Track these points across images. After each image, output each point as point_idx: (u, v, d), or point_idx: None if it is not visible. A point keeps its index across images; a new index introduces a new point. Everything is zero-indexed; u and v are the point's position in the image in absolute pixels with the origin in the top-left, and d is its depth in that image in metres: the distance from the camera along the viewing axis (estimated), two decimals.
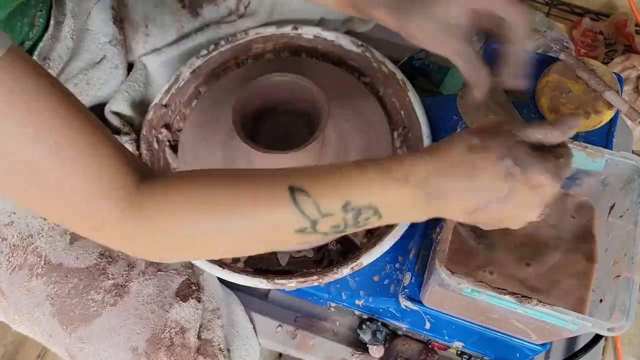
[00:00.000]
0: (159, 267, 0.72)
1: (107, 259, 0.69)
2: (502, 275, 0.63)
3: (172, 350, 0.67)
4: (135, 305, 0.68)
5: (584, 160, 0.61)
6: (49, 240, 0.69)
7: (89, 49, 0.80)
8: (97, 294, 0.67)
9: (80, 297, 0.67)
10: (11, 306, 0.69)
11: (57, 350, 0.71)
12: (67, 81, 0.77)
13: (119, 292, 0.68)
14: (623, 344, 1.31)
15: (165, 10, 0.84)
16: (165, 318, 0.68)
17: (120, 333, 0.67)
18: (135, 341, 0.67)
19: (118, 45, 0.81)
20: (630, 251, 0.56)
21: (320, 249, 0.78)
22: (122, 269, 0.69)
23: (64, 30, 0.74)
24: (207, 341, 0.71)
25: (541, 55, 0.77)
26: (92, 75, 0.78)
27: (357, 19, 1.01)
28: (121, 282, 0.69)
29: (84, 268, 0.68)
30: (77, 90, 0.77)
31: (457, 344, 0.71)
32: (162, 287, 0.70)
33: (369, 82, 0.89)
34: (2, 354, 1.31)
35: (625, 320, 0.51)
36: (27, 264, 0.68)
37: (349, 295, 0.74)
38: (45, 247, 0.68)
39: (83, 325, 0.67)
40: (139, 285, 0.69)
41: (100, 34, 0.80)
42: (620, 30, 1.62)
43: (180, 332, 0.68)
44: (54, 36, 0.73)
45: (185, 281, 0.71)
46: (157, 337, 0.67)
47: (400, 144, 0.85)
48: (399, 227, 0.71)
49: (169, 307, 0.69)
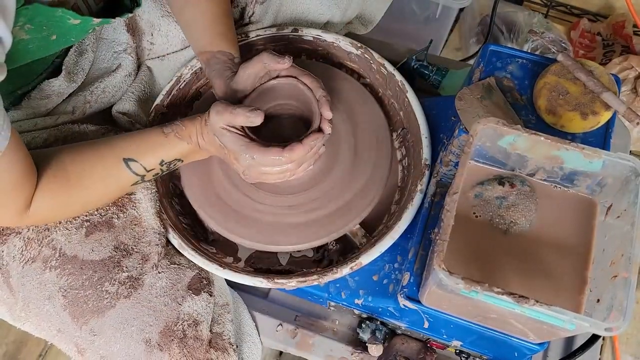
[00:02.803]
0: (172, 261, 0.73)
1: (121, 252, 0.70)
2: (501, 275, 0.64)
3: (185, 342, 0.68)
4: (148, 298, 0.69)
5: (582, 161, 0.62)
6: (65, 232, 0.69)
7: (105, 58, 0.82)
8: (112, 285, 0.68)
9: (94, 289, 0.68)
10: (19, 302, 0.70)
11: (65, 346, 0.71)
12: (84, 90, 0.79)
13: (133, 284, 0.69)
14: (621, 343, 1.32)
15: (171, 19, 0.84)
16: (178, 311, 0.69)
17: (133, 325, 0.67)
18: (149, 333, 0.67)
19: (132, 54, 0.83)
20: (627, 251, 0.56)
21: (320, 249, 0.79)
22: (137, 262, 0.70)
23: (85, 43, 0.78)
24: (218, 335, 0.71)
25: (539, 56, 0.78)
26: (108, 83, 0.80)
27: (358, 22, 1.01)
28: (135, 275, 0.69)
29: (99, 260, 0.69)
30: (92, 98, 0.79)
31: (456, 343, 0.72)
32: (175, 281, 0.71)
33: (368, 84, 0.89)
34: (3, 353, 1.31)
35: (623, 320, 0.51)
36: (40, 257, 0.69)
37: (348, 294, 0.74)
38: (61, 240, 0.69)
39: (95, 317, 0.68)
40: (153, 278, 0.70)
41: (114, 42, 0.82)
42: (618, 31, 1.63)
43: (193, 324, 0.69)
44: (77, 50, 0.77)
45: (196, 275, 0.72)
46: (170, 329, 0.68)
47: (399, 144, 0.86)
48: (398, 227, 0.72)
49: (182, 300, 0.70)
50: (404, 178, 0.83)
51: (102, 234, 0.70)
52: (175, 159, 0.71)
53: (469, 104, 0.73)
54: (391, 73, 0.85)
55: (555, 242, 0.66)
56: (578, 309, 0.61)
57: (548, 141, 0.60)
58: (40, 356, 1.32)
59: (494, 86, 0.75)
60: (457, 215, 0.57)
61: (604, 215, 0.65)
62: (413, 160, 0.81)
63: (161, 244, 0.72)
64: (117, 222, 0.71)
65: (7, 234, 0.70)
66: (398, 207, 0.78)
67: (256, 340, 0.78)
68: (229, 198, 0.77)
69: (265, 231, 0.74)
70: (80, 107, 0.78)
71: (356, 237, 0.77)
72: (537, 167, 0.66)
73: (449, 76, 0.93)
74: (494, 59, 0.78)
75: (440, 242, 0.55)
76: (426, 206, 0.73)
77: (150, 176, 0.72)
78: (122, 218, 0.72)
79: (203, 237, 0.81)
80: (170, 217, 0.77)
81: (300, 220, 0.75)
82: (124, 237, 0.71)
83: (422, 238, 0.71)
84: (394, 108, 0.87)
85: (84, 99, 0.78)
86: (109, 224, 0.71)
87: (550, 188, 0.68)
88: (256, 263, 0.79)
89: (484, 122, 0.60)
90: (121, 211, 0.72)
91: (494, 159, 0.68)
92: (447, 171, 0.74)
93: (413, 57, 0.93)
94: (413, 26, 1.53)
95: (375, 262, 0.71)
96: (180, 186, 0.81)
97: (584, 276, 0.63)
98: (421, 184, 0.75)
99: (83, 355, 0.70)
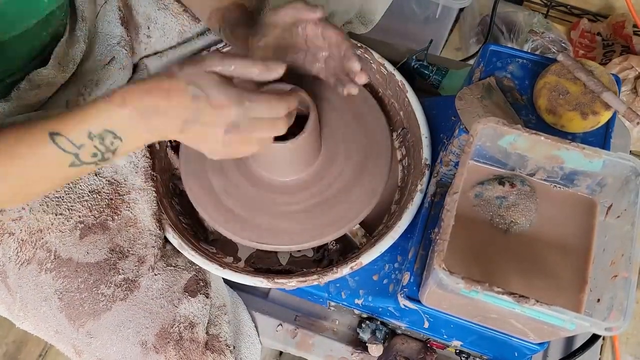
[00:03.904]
0: (168, 263, 0.73)
1: (117, 254, 0.70)
2: (501, 275, 0.64)
3: (181, 344, 0.68)
4: (144, 300, 0.69)
5: (582, 161, 0.62)
6: (59, 235, 0.69)
7: (99, 51, 0.81)
8: (108, 288, 0.68)
9: (90, 292, 0.68)
10: (17, 302, 0.70)
11: (63, 347, 0.72)
12: (77, 82, 0.78)
13: (129, 286, 0.69)
14: (621, 343, 1.32)
15: (168, 13, 0.84)
16: (174, 313, 0.69)
17: (129, 327, 0.67)
18: (145, 335, 0.67)
19: (126, 47, 0.82)
20: (627, 251, 0.56)
21: (320, 248, 0.79)
22: (132, 264, 0.70)
23: (76, 34, 0.77)
24: (215, 336, 0.71)
25: (539, 56, 0.78)
26: (102, 76, 0.79)
27: (357, 22, 1.01)
28: (131, 277, 0.69)
29: (94, 263, 0.68)
30: (86, 91, 0.78)
31: (456, 343, 0.72)
32: (171, 283, 0.71)
33: (368, 84, 0.89)
34: (3, 353, 1.31)
35: (623, 319, 0.51)
36: (35, 259, 0.68)
37: (348, 294, 0.74)
38: (55, 242, 0.69)
39: (92, 319, 0.67)
40: (149, 281, 0.70)
41: (109, 35, 0.81)
42: (618, 31, 1.63)
43: (189, 327, 0.69)
44: (68, 41, 0.75)
45: (193, 277, 0.72)
46: (166, 331, 0.68)
47: (399, 144, 0.86)
48: (398, 227, 0.72)
49: (178, 302, 0.70)
50: (404, 178, 0.83)
51: (97, 236, 0.69)
52: (106, 130, 0.56)
53: (469, 104, 0.73)
54: (391, 73, 0.85)
55: (556, 242, 0.66)
56: (578, 308, 0.61)
57: (548, 141, 0.60)
58: (40, 356, 1.32)
59: (494, 86, 0.75)
60: (457, 215, 0.57)
61: (604, 215, 0.65)
62: (413, 160, 0.81)
63: (157, 246, 0.72)
64: (111, 224, 0.71)
65: (0, 234, 0.69)
66: (398, 207, 0.78)
67: (255, 340, 0.78)
68: (229, 197, 0.77)
69: (265, 230, 0.74)
70: (73, 100, 0.77)
71: (356, 237, 0.77)
72: (537, 167, 0.66)
73: (449, 76, 0.93)
74: (494, 58, 0.78)
75: (441, 241, 0.55)
76: (426, 206, 0.73)
77: (88, 157, 0.57)
78: (117, 220, 0.71)
79: (203, 237, 0.81)
80: (170, 217, 0.76)
81: (300, 219, 0.75)
82: (119, 239, 0.70)
83: (422, 238, 0.71)
84: (394, 108, 0.87)
85: (77, 92, 0.77)
86: (104, 226, 0.70)
87: (550, 188, 0.68)
88: (256, 263, 0.79)
89: (484, 122, 0.60)
90: (115, 213, 0.71)
91: (494, 159, 0.68)
92: (447, 171, 0.74)
93: (413, 57, 0.93)
94: (413, 26, 1.53)
95: (375, 262, 0.71)
96: (180, 186, 0.81)
97: (584, 276, 0.63)
98: (421, 183, 0.75)
99: (80, 356, 0.70)
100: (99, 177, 0.72)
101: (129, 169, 0.74)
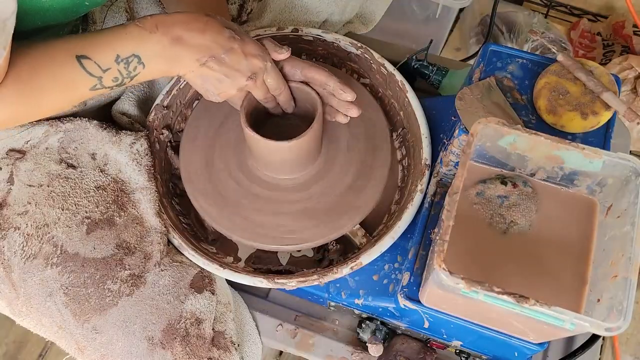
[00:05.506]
0: (174, 259, 0.73)
1: (124, 250, 0.70)
2: (501, 275, 0.64)
3: (188, 340, 0.68)
4: (151, 296, 0.69)
5: (582, 161, 0.62)
6: (65, 230, 0.69)
7: None
8: (114, 283, 0.68)
9: (96, 287, 0.68)
10: (20, 297, 0.70)
11: (65, 343, 0.71)
12: None
13: (136, 282, 0.69)
14: (621, 343, 1.32)
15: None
16: (180, 309, 0.69)
17: (136, 323, 0.67)
18: (151, 331, 0.67)
19: None
20: (627, 251, 0.56)
21: (320, 249, 0.79)
22: (139, 260, 0.70)
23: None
24: (220, 333, 0.71)
25: (539, 56, 0.78)
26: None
27: (358, 22, 1.01)
28: (138, 273, 0.69)
29: (101, 258, 0.69)
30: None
31: (456, 343, 0.72)
32: (178, 279, 0.71)
33: (368, 84, 0.90)
34: (3, 353, 1.31)
35: (623, 320, 0.51)
36: (42, 253, 0.69)
37: (348, 294, 0.74)
38: (62, 237, 0.69)
39: (97, 315, 0.67)
40: (155, 276, 0.70)
41: None
42: (618, 31, 1.63)
43: (196, 323, 0.69)
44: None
45: (199, 273, 0.72)
46: (173, 327, 0.68)
47: (399, 144, 0.86)
48: (398, 227, 0.72)
49: (184, 298, 0.70)
50: (404, 178, 0.83)
51: (103, 231, 0.70)
52: (134, 54, 0.59)
53: (469, 104, 0.73)
54: (391, 73, 0.85)
55: (555, 242, 0.66)
56: (578, 309, 0.61)
57: (548, 141, 0.60)
58: (40, 356, 1.32)
59: (494, 86, 0.75)
60: (458, 214, 0.57)
61: (604, 215, 0.65)
62: (413, 160, 0.81)
63: (163, 243, 0.72)
64: (118, 220, 0.71)
65: (5, 229, 0.69)
66: (398, 207, 0.78)
67: (257, 339, 0.78)
68: (229, 197, 0.77)
69: (266, 230, 0.74)
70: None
71: (356, 237, 0.77)
72: (537, 167, 0.66)
73: (449, 76, 0.93)
74: (494, 58, 0.78)
75: (441, 241, 0.55)
76: (426, 206, 0.73)
77: (109, 81, 0.61)
78: (124, 216, 0.71)
79: (203, 237, 0.81)
80: (171, 217, 0.77)
81: (300, 219, 0.75)
82: (126, 235, 0.71)
83: (422, 238, 0.71)
84: (394, 108, 0.87)
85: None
86: (110, 222, 0.70)
87: (550, 188, 0.68)
88: (256, 263, 0.79)
89: (484, 122, 0.60)
90: (122, 209, 0.72)
91: (494, 159, 0.68)
92: (447, 171, 0.74)
93: (413, 57, 0.93)
94: (413, 26, 1.53)
95: (375, 262, 0.71)
96: (180, 186, 0.81)
97: (584, 276, 0.63)
98: (421, 184, 0.75)
99: (83, 353, 0.70)
100: (104, 174, 0.73)
101: (132, 167, 0.74)
